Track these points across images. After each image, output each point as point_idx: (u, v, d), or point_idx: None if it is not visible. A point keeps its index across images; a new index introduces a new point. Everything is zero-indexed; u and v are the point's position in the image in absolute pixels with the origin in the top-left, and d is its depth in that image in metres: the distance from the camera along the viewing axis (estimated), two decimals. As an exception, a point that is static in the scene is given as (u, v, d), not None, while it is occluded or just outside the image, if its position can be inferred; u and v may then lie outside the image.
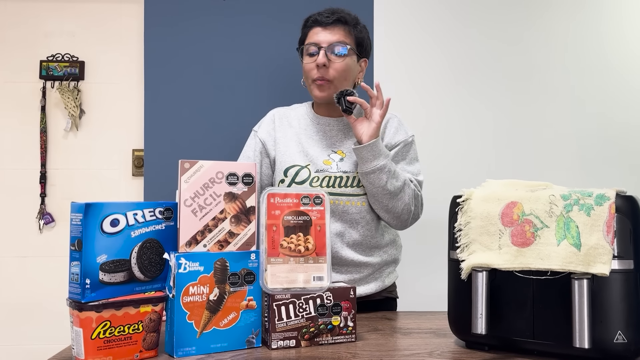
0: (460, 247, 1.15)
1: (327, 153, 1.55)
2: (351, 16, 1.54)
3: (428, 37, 2.18)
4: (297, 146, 1.56)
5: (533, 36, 2.34)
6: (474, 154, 2.28)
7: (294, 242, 1.18)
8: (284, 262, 1.16)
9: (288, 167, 1.54)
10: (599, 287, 1.01)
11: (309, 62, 1.52)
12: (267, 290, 1.14)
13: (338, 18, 1.51)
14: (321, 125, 1.59)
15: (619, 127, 2.36)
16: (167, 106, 2.22)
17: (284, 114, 1.65)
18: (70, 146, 2.41)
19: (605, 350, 1.01)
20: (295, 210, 1.19)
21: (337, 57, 1.49)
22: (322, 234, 1.20)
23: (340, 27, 1.51)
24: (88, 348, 0.99)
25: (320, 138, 1.57)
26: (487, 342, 1.14)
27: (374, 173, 1.44)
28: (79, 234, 1.01)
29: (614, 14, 2.37)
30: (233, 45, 2.25)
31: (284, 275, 1.15)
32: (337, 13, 1.52)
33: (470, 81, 2.32)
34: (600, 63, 2.35)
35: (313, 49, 1.51)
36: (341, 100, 1.46)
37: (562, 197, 1.06)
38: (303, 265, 1.17)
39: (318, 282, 1.17)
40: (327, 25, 1.51)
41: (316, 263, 1.18)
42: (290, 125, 1.62)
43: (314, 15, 1.54)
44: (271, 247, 1.16)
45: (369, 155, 1.44)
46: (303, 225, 1.19)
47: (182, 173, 1.11)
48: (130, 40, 2.42)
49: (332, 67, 1.49)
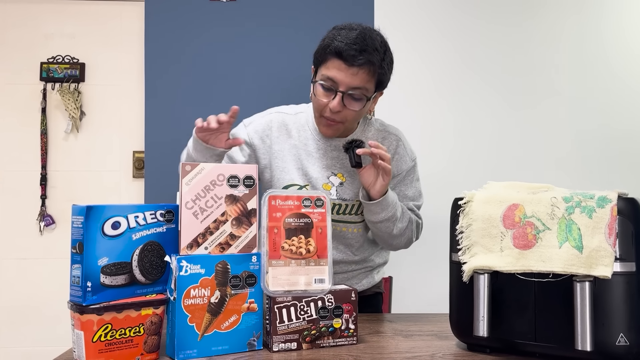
0: (462, 250, 1.14)
1: (327, 175, 1.47)
2: (379, 52, 1.34)
3: (429, 38, 2.18)
4: (295, 162, 1.48)
5: (534, 37, 2.34)
6: (475, 156, 2.28)
7: (295, 244, 1.17)
8: (285, 265, 1.16)
9: (286, 185, 1.48)
10: (601, 289, 1.01)
11: (322, 97, 1.37)
12: (269, 292, 1.13)
13: (366, 61, 1.31)
14: (322, 142, 1.48)
15: (621, 128, 2.35)
16: (167, 108, 2.22)
17: (283, 121, 1.51)
18: (71, 148, 2.41)
19: (607, 353, 1.01)
20: (296, 213, 1.18)
21: (353, 104, 1.36)
22: (323, 236, 1.19)
23: (365, 68, 1.32)
24: (89, 351, 0.99)
25: (320, 156, 1.48)
26: (488, 344, 1.13)
27: (381, 223, 1.41)
28: (80, 236, 1.01)
29: (614, 15, 2.37)
30: (234, 47, 2.25)
31: (286, 277, 1.15)
32: (366, 52, 1.31)
33: (471, 83, 2.32)
34: (601, 64, 2.35)
35: (329, 85, 1.35)
36: (350, 153, 1.36)
37: (564, 199, 1.06)
38: (304, 267, 1.17)
39: (319, 285, 1.17)
40: (351, 64, 1.31)
41: (317, 265, 1.18)
42: (289, 136, 1.50)
43: (339, 42, 1.32)
44: (272, 249, 1.15)
45: (377, 209, 1.38)
46: (304, 228, 1.18)
47: (183, 175, 1.11)
48: (130, 41, 2.42)
49: (345, 110, 1.36)
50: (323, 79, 1.36)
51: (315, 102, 1.40)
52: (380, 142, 1.48)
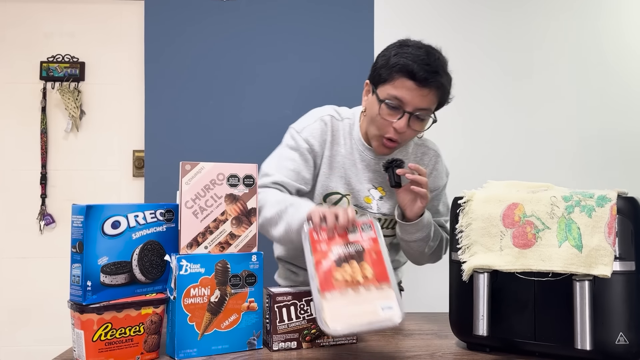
0: (462, 249, 1.14)
1: (368, 188, 1.43)
2: (447, 74, 1.33)
3: (429, 38, 2.17)
4: (340, 170, 1.43)
5: (534, 36, 2.34)
6: (475, 155, 2.28)
7: (349, 271, 1.02)
8: (341, 295, 0.99)
9: (329, 193, 1.43)
10: (601, 288, 1.01)
11: (388, 117, 1.31)
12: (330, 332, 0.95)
13: (438, 85, 1.29)
14: (366, 154, 1.43)
15: (620, 128, 2.35)
16: (167, 107, 2.22)
17: (335, 127, 1.44)
18: (71, 147, 2.41)
19: (606, 352, 1.01)
20: (343, 242, 1.05)
21: (417, 124, 1.33)
22: (379, 261, 1.03)
23: (434, 92, 1.30)
24: (89, 350, 0.99)
25: (363, 168, 1.43)
26: (488, 343, 1.13)
27: (414, 242, 1.38)
28: (80, 236, 1.01)
29: (613, 14, 2.36)
30: (234, 46, 2.25)
31: (345, 309, 0.97)
32: (438, 75, 1.28)
33: (471, 82, 2.32)
34: (601, 63, 2.35)
35: (396, 104, 1.30)
36: (390, 172, 1.31)
37: (564, 198, 1.06)
38: (364, 294, 0.99)
39: (388, 312, 0.97)
40: (423, 86, 1.28)
41: (380, 290, 1.01)
42: (337, 143, 1.44)
43: (412, 62, 1.27)
44: (324, 281, 0.99)
45: (413, 230, 1.35)
46: (355, 255, 1.05)
47: (183, 175, 1.11)
48: (130, 40, 2.42)
49: (407, 131, 1.32)
50: (390, 97, 1.30)
51: (378, 121, 1.33)
52: (420, 157, 1.47)
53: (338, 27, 2.28)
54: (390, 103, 1.30)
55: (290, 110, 2.19)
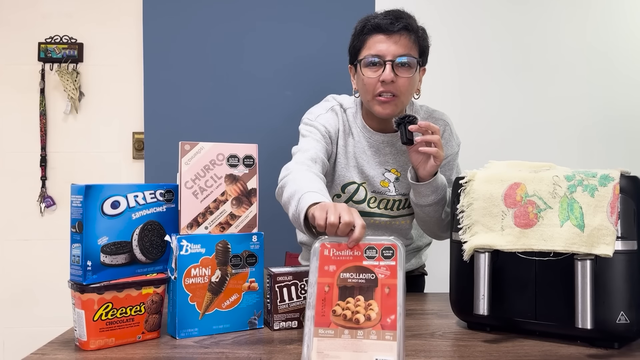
0: (463, 229, 1.14)
1: (382, 172, 1.44)
2: (414, 21, 1.37)
3: (430, 33, 2.16)
4: (352, 160, 1.45)
5: (536, 21, 2.31)
6: (477, 135, 2.27)
7: (351, 308, 0.91)
8: (335, 336, 0.89)
9: (346, 183, 1.45)
10: (602, 268, 1.01)
11: (372, 75, 1.34)
12: None
13: (404, 26, 1.33)
14: (373, 139, 1.44)
15: (623, 107, 2.34)
16: (167, 88, 2.20)
17: (345, 117, 1.47)
18: (70, 129, 2.39)
19: (607, 331, 1.01)
20: (355, 266, 0.94)
21: (404, 72, 1.33)
22: (391, 298, 0.91)
23: (405, 35, 1.33)
24: (90, 330, 1.00)
25: (373, 153, 1.44)
26: (489, 323, 1.14)
27: (429, 206, 1.35)
28: (80, 216, 1.01)
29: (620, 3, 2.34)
30: (234, 26, 2.22)
31: (335, 353, 0.87)
32: (402, 19, 1.33)
33: (472, 65, 2.30)
34: (604, 46, 2.33)
35: (376, 61, 1.33)
36: (402, 129, 1.27)
37: (566, 177, 1.05)
38: (361, 341, 0.88)
39: None
40: (391, 33, 1.32)
41: (381, 340, 0.88)
42: (349, 132, 1.46)
43: (373, 19, 1.35)
44: (320, 313, 0.90)
45: (426, 191, 1.32)
46: (365, 287, 0.93)
47: (182, 155, 1.10)
48: (129, 21, 2.39)
49: (397, 81, 1.33)
50: (368, 57, 1.34)
51: (365, 84, 1.35)
52: None
53: (339, 10, 2.25)
54: (370, 60, 1.34)
55: (290, 91, 2.17)
